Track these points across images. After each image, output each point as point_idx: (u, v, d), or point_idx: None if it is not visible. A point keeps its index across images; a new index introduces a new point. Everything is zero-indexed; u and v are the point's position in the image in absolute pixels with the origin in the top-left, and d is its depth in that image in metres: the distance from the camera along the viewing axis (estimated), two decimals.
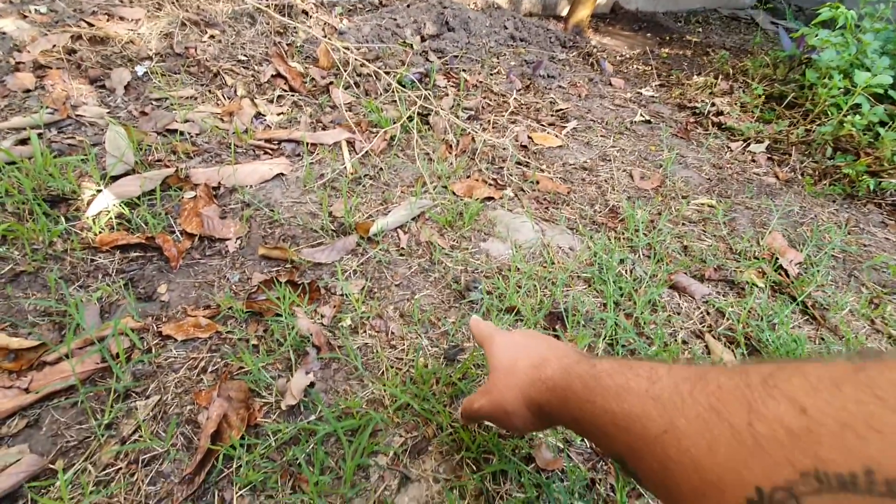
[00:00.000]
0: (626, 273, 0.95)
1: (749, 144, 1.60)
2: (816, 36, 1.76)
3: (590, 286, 0.91)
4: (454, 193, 1.11)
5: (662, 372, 0.32)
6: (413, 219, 1.02)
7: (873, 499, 0.19)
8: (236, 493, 0.55)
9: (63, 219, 0.86)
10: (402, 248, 0.95)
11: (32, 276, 0.77)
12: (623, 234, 1.06)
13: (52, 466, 0.57)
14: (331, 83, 1.47)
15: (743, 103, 1.86)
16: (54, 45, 1.32)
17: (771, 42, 3.11)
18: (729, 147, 1.59)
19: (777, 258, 1.06)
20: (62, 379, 0.65)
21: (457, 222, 1.02)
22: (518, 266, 0.91)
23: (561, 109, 1.60)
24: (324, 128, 1.30)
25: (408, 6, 2.11)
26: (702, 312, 0.91)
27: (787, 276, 1.03)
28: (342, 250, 0.93)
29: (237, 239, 0.93)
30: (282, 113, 1.33)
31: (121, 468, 0.57)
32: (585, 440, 0.65)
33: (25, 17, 1.44)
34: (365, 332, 0.77)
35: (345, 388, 0.69)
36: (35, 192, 0.88)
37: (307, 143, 1.19)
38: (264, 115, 1.31)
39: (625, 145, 1.47)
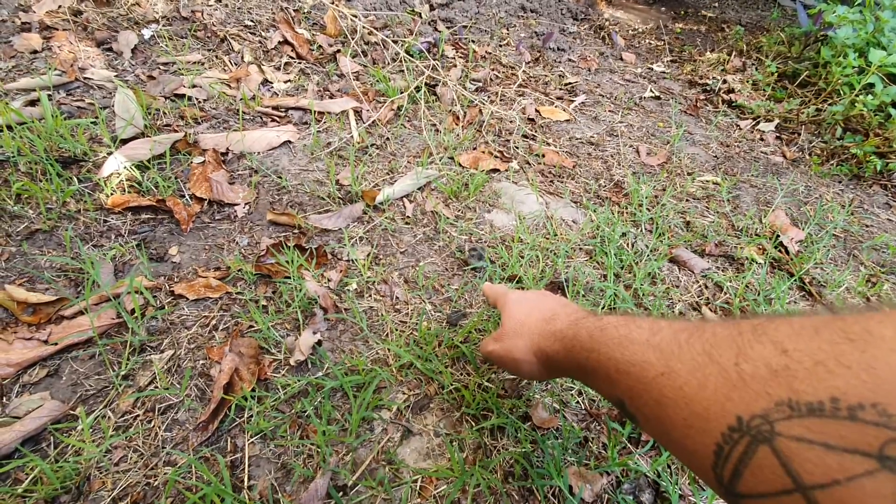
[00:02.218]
0: (627, 246, 0.97)
1: (758, 123, 1.59)
2: (834, 12, 1.72)
3: (591, 258, 0.93)
4: (460, 164, 1.11)
5: (664, 324, 0.35)
6: (419, 188, 1.03)
7: (836, 422, 0.21)
8: (248, 440, 0.58)
9: (76, 180, 0.87)
10: (408, 217, 0.96)
11: (47, 235, 0.79)
12: (626, 208, 1.07)
13: (72, 412, 0.60)
14: (338, 51, 1.46)
15: (755, 81, 1.83)
16: (60, 6, 1.31)
17: (789, 18, 3.03)
18: (738, 125, 1.57)
19: (778, 235, 1.07)
20: (80, 332, 0.68)
21: (462, 193, 1.03)
22: (521, 237, 0.93)
23: (570, 83, 1.58)
24: (331, 96, 1.30)
25: None
26: (700, 286, 0.92)
27: (787, 253, 1.04)
28: (348, 217, 0.95)
29: (245, 204, 0.95)
30: (289, 80, 1.32)
31: (138, 415, 0.60)
32: (580, 402, 0.68)
33: None
34: (370, 296, 0.80)
35: (350, 347, 0.71)
36: (47, 152, 0.90)
37: (314, 112, 1.19)
38: (271, 83, 1.31)
39: (633, 121, 1.46)
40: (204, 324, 0.73)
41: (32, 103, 1.03)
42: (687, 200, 1.14)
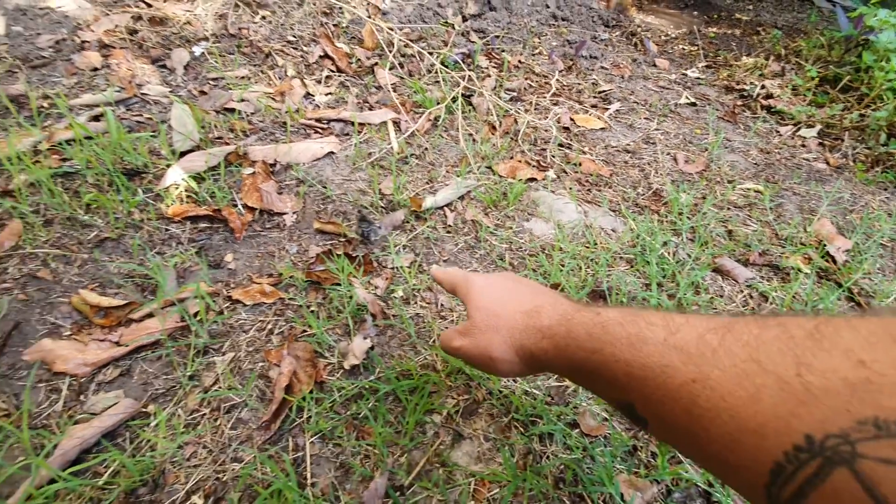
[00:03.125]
0: (668, 255, 0.97)
1: (799, 129, 1.56)
2: (875, 16, 1.68)
3: (632, 267, 0.93)
4: (498, 174, 1.13)
5: (680, 321, 0.32)
6: (459, 197, 1.05)
7: None
8: (308, 439, 0.61)
9: (140, 191, 0.93)
10: (449, 226, 0.98)
11: (115, 243, 0.85)
12: (666, 217, 1.07)
13: (144, 410, 0.64)
14: (376, 64, 1.50)
15: (795, 86, 1.79)
16: (116, 25, 1.39)
17: (826, 21, 2.95)
18: (778, 131, 1.54)
19: (824, 245, 1.05)
20: (148, 334, 0.72)
21: (501, 202, 1.04)
22: (561, 246, 0.94)
23: (603, 91, 1.59)
24: (370, 108, 1.34)
25: None
26: (745, 296, 0.91)
27: (834, 262, 1.02)
28: (391, 226, 0.98)
29: (293, 213, 0.99)
30: (330, 93, 1.37)
31: (205, 413, 0.64)
32: None
33: None
34: (416, 303, 0.82)
35: (399, 353, 0.74)
36: (113, 165, 0.95)
37: (357, 124, 1.23)
38: (313, 95, 1.36)
39: (669, 128, 1.45)
40: (260, 328, 0.76)
41: (96, 118, 1.10)
42: (728, 209, 1.13)
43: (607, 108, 1.49)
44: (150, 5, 1.44)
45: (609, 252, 0.93)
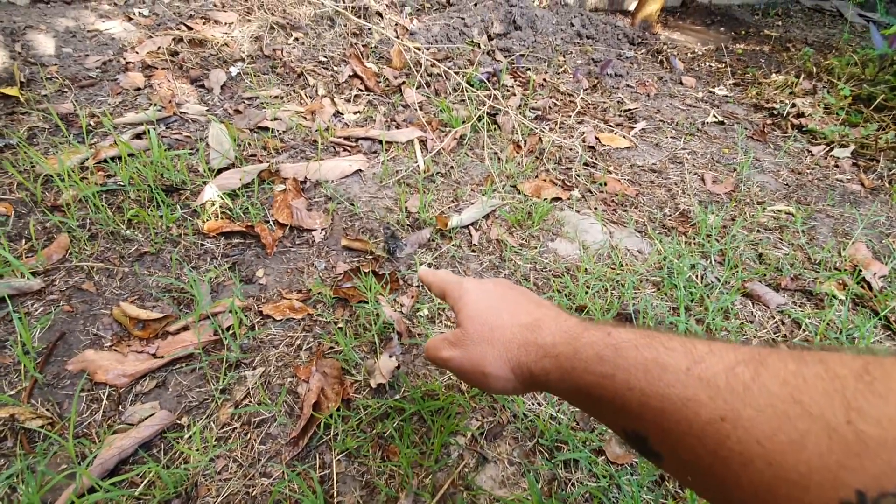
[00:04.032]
0: (696, 279, 0.95)
1: (832, 149, 1.52)
2: None
3: (659, 290, 0.92)
4: (523, 193, 1.14)
5: (703, 349, 0.29)
6: (484, 216, 1.06)
7: None
8: (335, 457, 0.62)
9: (178, 207, 0.97)
10: (474, 245, 0.99)
11: (154, 257, 0.88)
12: (694, 238, 1.06)
13: (178, 422, 0.66)
14: (403, 83, 1.53)
15: (827, 105, 1.76)
16: (159, 47, 1.46)
17: (859, 37, 2.89)
18: (810, 151, 1.51)
19: (859, 270, 1.02)
20: (183, 347, 0.75)
21: (526, 221, 1.05)
22: (587, 267, 0.93)
23: (629, 109, 1.59)
24: (397, 126, 1.36)
25: (475, 5, 2.14)
26: (776, 322, 0.89)
27: (870, 289, 0.99)
28: (416, 244, 0.99)
29: (322, 230, 1.01)
30: (358, 112, 1.41)
31: (236, 427, 0.66)
32: None
33: (130, 19, 1.60)
34: (441, 322, 0.83)
35: (424, 372, 0.74)
36: (153, 182, 1.00)
37: (390, 142, 1.25)
38: (342, 114, 1.39)
39: (696, 147, 1.44)
40: (289, 343, 0.78)
41: (139, 136, 1.15)
42: (758, 231, 1.11)
43: (633, 127, 1.48)
44: (190, 28, 1.51)
45: (635, 274, 0.93)
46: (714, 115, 1.65)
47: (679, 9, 3.21)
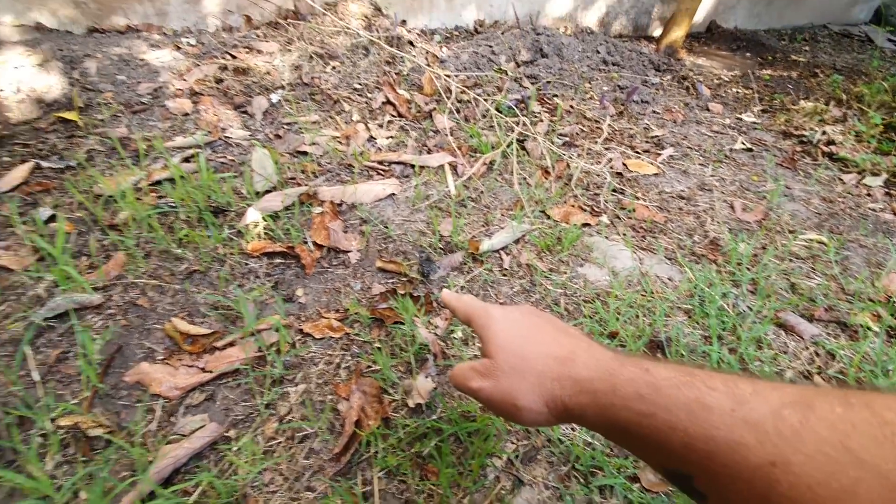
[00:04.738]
0: (728, 307, 0.96)
1: (864, 177, 1.51)
2: None
3: (690, 318, 0.93)
4: (551, 218, 1.16)
5: (746, 389, 0.29)
6: (514, 241, 1.09)
7: None
8: (375, 474, 0.64)
9: (225, 227, 1.02)
10: (505, 269, 1.02)
11: (203, 275, 0.93)
12: (724, 267, 1.06)
13: (226, 434, 0.70)
14: (433, 109, 1.59)
15: (857, 132, 1.74)
16: (205, 75, 1.55)
17: (889, 62, 2.86)
18: (841, 179, 1.50)
19: (894, 301, 1.01)
20: (229, 363, 0.79)
21: (555, 247, 1.07)
22: (617, 293, 0.95)
23: (656, 136, 1.61)
24: (428, 151, 1.41)
25: (502, 33, 2.20)
26: (811, 353, 0.89)
27: None
28: (448, 267, 1.02)
29: (358, 251, 1.05)
30: (391, 137, 1.46)
31: (281, 442, 0.68)
32: None
33: (179, 48, 1.70)
34: (474, 344, 0.85)
35: (459, 394, 0.77)
36: (202, 203, 1.06)
37: (422, 167, 1.30)
38: (375, 139, 1.45)
39: (725, 174, 1.45)
40: (329, 361, 0.81)
41: (187, 159, 1.22)
42: (790, 260, 1.11)
43: (660, 153, 1.50)
44: (234, 57, 1.60)
45: (666, 301, 0.94)
46: (742, 142, 1.65)
47: (704, 34, 3.23)
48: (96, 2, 1.75)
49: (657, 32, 3.00)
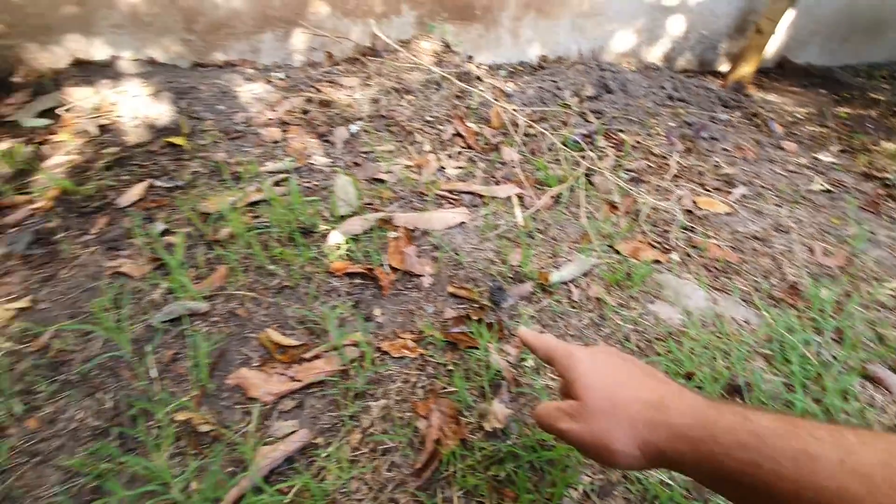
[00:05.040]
0: (810, 355, 0.92)
1: None
2: None
3: (770, 363, 0.91)
4: (620, 253, 1.17)
5: (853, 440, 0.30)
6: (583, 274, 1.10)
7: None
8: (455, 493, 0.67)
9: (312, 247, 1.11)
10: (574, 302, 1.03)
11: (292, 291, 1.01)
12: (805, 312, 1.03)
13: (315, 441, 0.75)
14: (500, 142, 1.65)
15: None
16: (293, 107, 1.69)
17: None
18: None
19: None
20: (316, 374, 0.85)
21: (625, 282, 1.08)
22: (691, 333, 0.94)
23: (726, 174, 1.58)
24: (496, 182, 1.46)
25: (566, 69, 2.26)
26: None
27: None
28: (518, 296, 1.05)
29: (430, 276, 1.10)
30: (460, 167, 1.53)
31: (365, 452, 0.73)
32: None
33: (269, 82, 1.87)
34: (546, 374, 0.87)
35: (531, 421, 0.79)
36: (292, 224, 1.15)
37: (490, 197, 1.35)
38: (445, 169, 1.52)
39: (802, 216, 1.40)
40: (405, 380, 0.86)
41: (278, 183, 1.34)
42: (877, 310, 1.05)
43: (731, 192, 1.48)
44: (319, 90, 1.74)
45: (744, 345, 0.92)
46: (820, 183, 1.60)
47: (774, 70, 3.15)
48: (201, 40, 1.97)
49: (724, 68, 2.96)
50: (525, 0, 2.37)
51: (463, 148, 1.62)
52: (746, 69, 2.61)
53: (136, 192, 1.23)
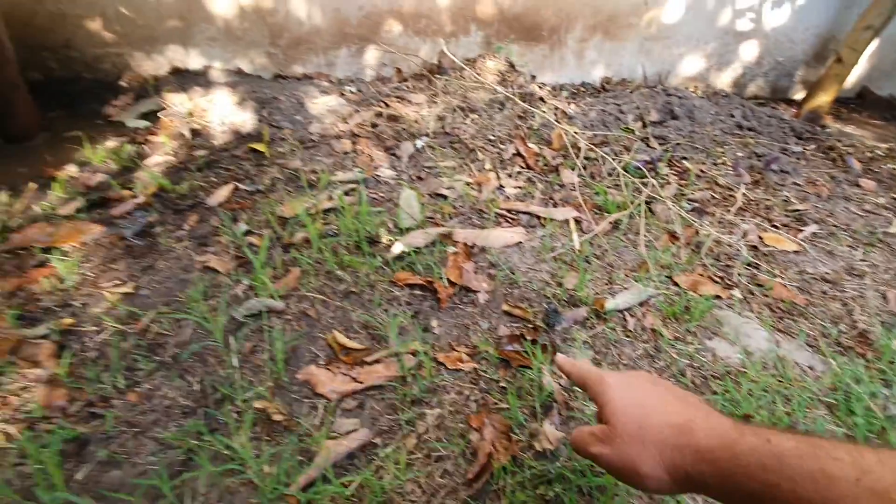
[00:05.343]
0: (876, 409, 0.89)
1: None
2: None
3: (833, 413, 0.88)
4: (679, 285, 1.17)
5: (871, 459, 0.30)
6: (639, 303, 1.11)
7: None
8: None
9: (378, 257, 1.17)
10: (629, 331, 1.04)
11: (357, 297, 1.08)
12: (874, 363, 0.98)
13: (374, 441, 0.80)
14: (560, 164, 1.67)
15: None
16: (364, 120, 1.79)
17: None
18: None
19: None
20: (377, 378, 0.91)
21: (682, 315, 1.07)
22: (751, 375, 0.93)
23: (797, 210, 1.53)
24: (554, 204, 1.49)
25: (630, 92, 2.25)
26: None
27: None
28: (572, 320, 1.07)
29: (486, 293, 1.14)
30: (519, 187, 1.56)
31: (419, 458, 0.78)
32: None
33: (343, 95, 1.98)
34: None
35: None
36: (360, 233, 1.23)
37: (547, 219, 1.38)
38: (504, 187, 1.56)
39: (877, 260, 1.33)
40: (459, 392, 0.90)
41: (347, 192, 1.42)
42: None
43: (801, 230, 1.43)
44: (388, 105, 1.83)
45: (806, 391, 0.90)
46: None
47: (854, 100, 2.98)
48: (283, 53, 2.12)
49: (799, 96, 2.83)
50: (592, 22, 2.39)
51: (523, 168, 1.65)
52: (823, 98, 2.49)
53: (223, 193, 1.35)
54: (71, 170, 1.46)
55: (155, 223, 1.23)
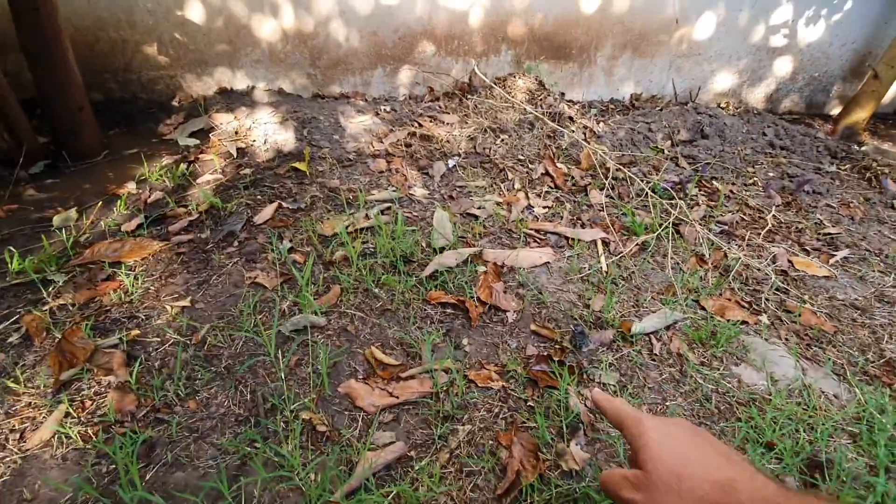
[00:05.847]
0: None
1: None
2: None
3: (856, 442, 0.89)
4: (706, 310, 1.19)
5: None
6: (665, 327, 1.14)
7: None
8: None
9: (412, 276, 1.24)
10: (655, 354, 1.07)
11: (392, 314, 1.15)
12: None
13: (409, 454, 0.86)
14: (589, 184, 1.71)
15: None
16: (398, 139, 1.87)
17: None
18: None
19: None
20: (411, 394, 0.97)
21: (709, 340, 1.10)
22: (776, 402, 0.95)
23: (829, 233, 1.52)
24: (582, 225, 1.52)
25: (660, 110, 2.26)
26: None
27: None
28: (599, 342, 1.11)
29: (515, 312, 1.19)
30: (547, 207, 1.61)
31: (451, 472, 0.83)
32: None
33: (377, 114, 2.07)
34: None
35: (606, 468, 0.84)
36: (395, 252, 1.29)
37: (575, 239, 1.42)
38: (533, 207, 1.61)
39: None
40: (488, 409, 0.95)
41: (383, 211, 1.50)
42: None
43: (833, 254, 1.42)
44: (421, 125, 1.91)
45: (830, 420, 0.91)
46: None
47: (892, 116, 2.90)
48: (322, 74, 2.23)
49: (835, 111, 2.78)
50: (622, 40, 2.42)
51: (551, 187, 1.70)
52: (860, 115, 2.45)
53: (268, 211, 1.44)
54: (130, 187, 1.58)
55: (207, 240, 1.33)
